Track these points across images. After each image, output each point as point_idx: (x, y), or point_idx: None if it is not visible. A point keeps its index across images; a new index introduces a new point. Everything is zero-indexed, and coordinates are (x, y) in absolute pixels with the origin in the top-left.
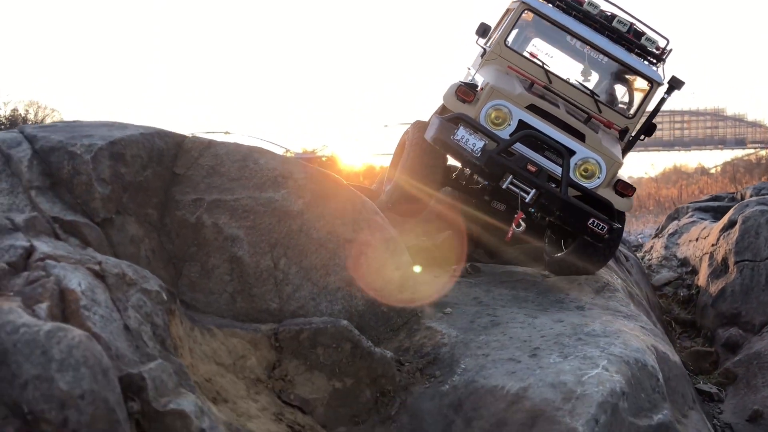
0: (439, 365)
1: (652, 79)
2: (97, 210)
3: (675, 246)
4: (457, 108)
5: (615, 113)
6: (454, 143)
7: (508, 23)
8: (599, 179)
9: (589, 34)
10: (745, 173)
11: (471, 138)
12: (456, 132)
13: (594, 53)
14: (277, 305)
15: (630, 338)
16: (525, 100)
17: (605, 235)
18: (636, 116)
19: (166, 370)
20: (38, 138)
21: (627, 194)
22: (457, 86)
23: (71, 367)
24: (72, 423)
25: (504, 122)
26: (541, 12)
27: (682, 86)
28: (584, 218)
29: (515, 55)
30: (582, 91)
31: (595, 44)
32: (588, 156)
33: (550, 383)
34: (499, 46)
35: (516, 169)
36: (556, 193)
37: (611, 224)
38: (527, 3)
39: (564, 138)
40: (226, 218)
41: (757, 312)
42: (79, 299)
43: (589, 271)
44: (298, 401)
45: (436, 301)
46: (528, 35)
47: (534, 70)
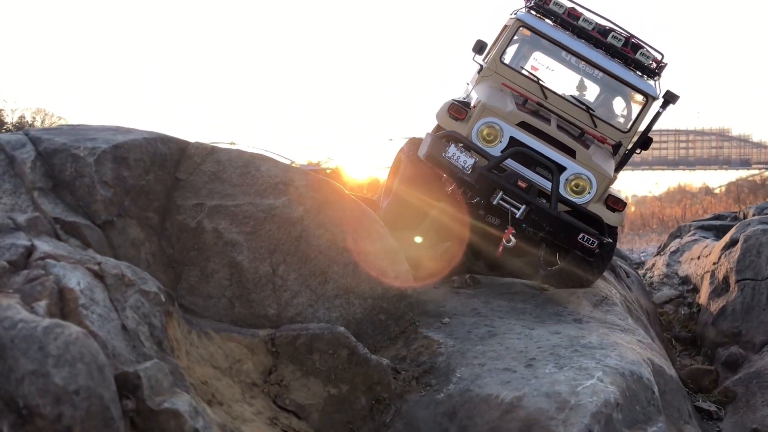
0: (435, 374)
1: (647, 93)
2: (98, 212)
3: (677, 264)
4: (449, 126)
5: (610, 128)
6: (445, 160)
7: (504, 40)
8: (590, 194)
9: (584, 49)
10: (750, 193)
11: (462, 155)
12: (447, 149)
13: (590, 68)
14: (275, 311)
15: (626, 351)
16: (516, 118)
17: (595, 249)
18: (631, 130)
19: (162, 369)
20: (42, 140)
21: (618, 209)
22: (449, 104)
23: (67, 363)
24: (66, 418)
25: (495, 139)
26: (536, 29)
27: (676, 100)
28: (574, 233)
29: (511, 72)
30: (578, 106)
31: (590, 60)
32: (578, 172)
33: (544, 393)
34: (495, 62)
35: (506, 185)
36: (545, 209)
37: (601, 239)
38: (522, 20)
39: (555, 154)
40: (227, 223)
41: (757, 331)
42: (78, 298)
43: (582, 283)
44: (293, 406)
45: (434, 311)
46: (528, 50)
47: (530, 86)
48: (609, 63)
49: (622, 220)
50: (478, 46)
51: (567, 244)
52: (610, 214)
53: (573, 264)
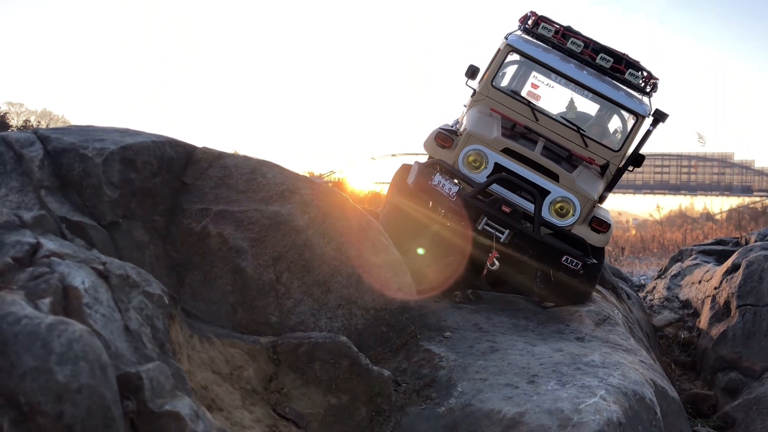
0: (436, 387)
1: (636, 112)
2: (104, 213)
3: (677, 288)
4: (436, 154)
5: (601, 147)
6: (431, 188)
7: (495, 64)
8: (574, 217)
9: (573, 71)
10: (751, 220)
11: (447, 183)
12: (433, 177)
13: (579, 90)
14: (277, 319)
15: (629, 371)
16: (500, 144)
17: (579, 270)
18: (622, 149)
19: (163, 372)
20: (51, 139)
21: (602, 230)
22: (436, 133)
23: (70, 361)
24: (67, 417)
25: (481, 165)
26: (526, 53)
27: (666, 119)
28: (557, 256)
29: (502, 95)
30: (568, 127)
31: (579, 81)
32: (562, 195)
33: (546, 409)
34: (487, 87)
35: (490, 210)
36: (528, 233)
37: (585, 260)
38: (512, 45)
39: (538, 178)
40: (232, 229)
41: (758, 357)
42: (82, 297)
43: (573, 301)
44: (293, 415)
45: (435, 325)
46: (526, 70)
47: (522, 109)
48: (598, 84)
49: (607, 241)
50: (470, 71)
51: (551, 266)
52: (595, 236)
53: (565, 279)
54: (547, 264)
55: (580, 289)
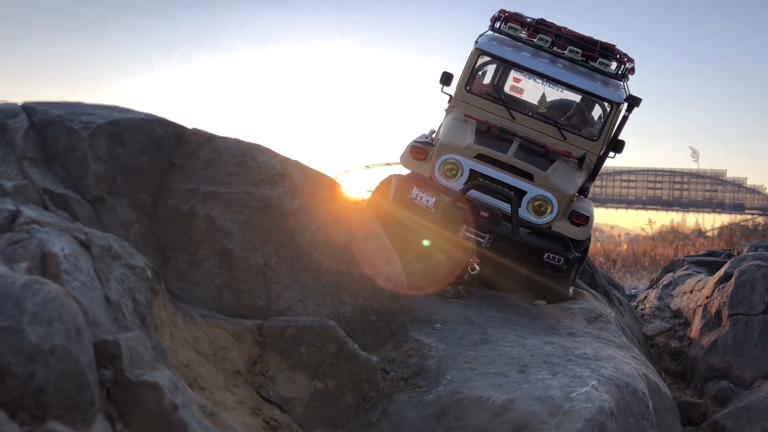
0: (424, 375)
1: (610, 100)
2: (89, 187)
3: (669, 297)
4: (412, 167)
5: (580, 138)
6: (409, 201)
7: (466, 68)
8: (552, 214)
9: (543, 67)
10: (742, 237)
11: (424, 195)
12: (411, 191)
13: (552, 85)
14: (264, 303)
15: (621, 364)
16: (473, 151)
17: (563, 266)
18: (600, 138)
19: (143, 342)
20: (37, 111)
21: (581, 223)
22: (411, 146)
23: (44, 321)
24: (38, 378)
25: (457, 174)
26: (495, 55)
27: (639, 102)
28: (539, 254)
29: (477, 99)
30: (545, 122)
31: (550, 77)
32: (538, 194)
33: (537, 397)
34: (461, 91)
35: (468, 218)
36: (508, 236)
37: (566, 255)
38: (481, 48)
39: (514, 180)
40: (220, 210)
41: (748, 366)
42: (61, 263)
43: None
44: (277, 398)
45: (425, 318)
46: (505, 69)
47: (497, 110)
48: (570, 76)
49: (587, 233)
50: (444, 78)
51: (534, 264)
52: (575, 229)
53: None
54: (530, 263)
55: (556, 290)
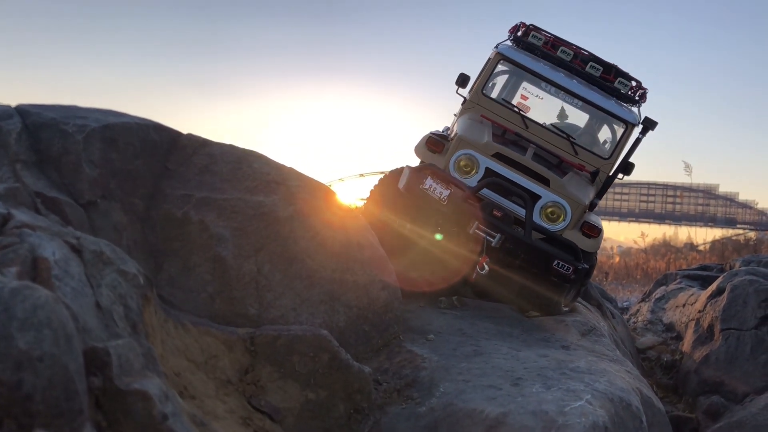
0: (417, 387)
1: (626, 120)
2: (82, 191)
3: (661, 311)
4: (427, 158)
5: (591, 155)
6: (422, 192)
7: (485, 73)
8: (565, 222)
9: (563, 80)
10: (734, 251)
11: (438, 187)
12: (425, 181)
13: (570, 98)
14: (257, 311)
15: (615, 378)
16: (491, 149)
17: (571, 275)
18: (612, 157)
19: (133, 349)
20: (31, 113)
21: (593, 235)
22: (427, 138)
23: (33, 327)
24: (27, 385)
25: (472, 170)
26: (516, 61)
27: (655, 126)
28: (549, 260)
29: (492, 103)
30: (558, 135)
31: (569, 89)
32: (553, 200)
33: (531, 411)
34: (477, 94)
35: (481, 215)
36: (520, 237)
37: (576, 265)
38: (502, 53)
39: (529, 183)
40: (214, 216)
41: (740, 381)
42: (51, 268)
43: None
44: (268, 408)
45: (419, 328)
46: (517, 80)
47: (512, 117)
48: (588, 92)
49: (598, 246)
50: (460, 80)
51: (542, 270)
52: (586, 240)
53: (544, 286)
54: (537, 269)
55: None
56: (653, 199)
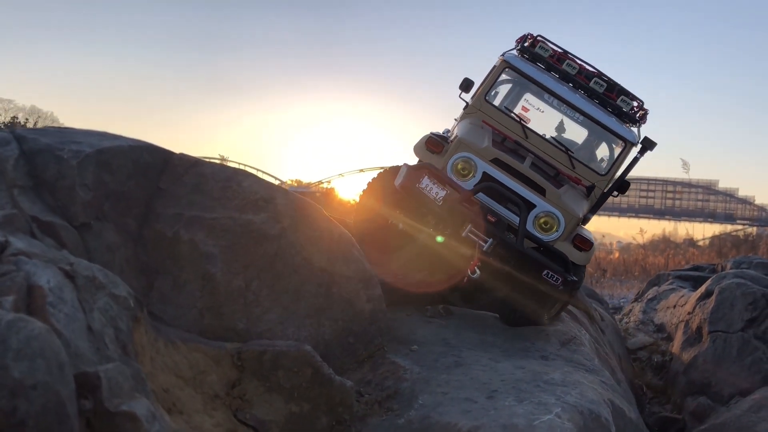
0: (398, 399)
1: (625, 139)
2: (77, 214)
3: (653, 311)
4: (426, 158)
5: (588, 170)
6: (418, 191)
7: (489, 79)
8: (557, 233)
9: (566, 93)
10: (732, 248)
11: (434, 187)
12: (421, 180)
13: (571, 111)
14: (245, 326)
15: (587, 390)
16: (490, 154)
17: (560, 286)
18: (608, 174)
19: (123, 372)
20: (27, 139)
21: (584, 248)
22: (427, 138)
23: (27, 357)
24: (21, 412)
25: (469, 173)
26: (521, 70)
27: (654, 147)
28: (539, 269)
29: (494, 110)
30: (557, 147)
31: (571, 103)
32: (547, 210)
33: (501, 424)
34: (480, 100)
35: (475, 218)
36: (512, 243)
37: (565, 276)
38: (508, 61)
39: (525, 191)
40: (203, 235)
41: (726, 383)
42: (46, 296)
43: (538, 315)
44: (253, 421)
45: (404, 338)
46: (519, 91)
47: (512, 126)
48: (590, 107)
49: (588, 259)
50: (464, 84)
51: (532, 279)
52: (577, 253)
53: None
54: (527, 276)
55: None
56: (653, 195)
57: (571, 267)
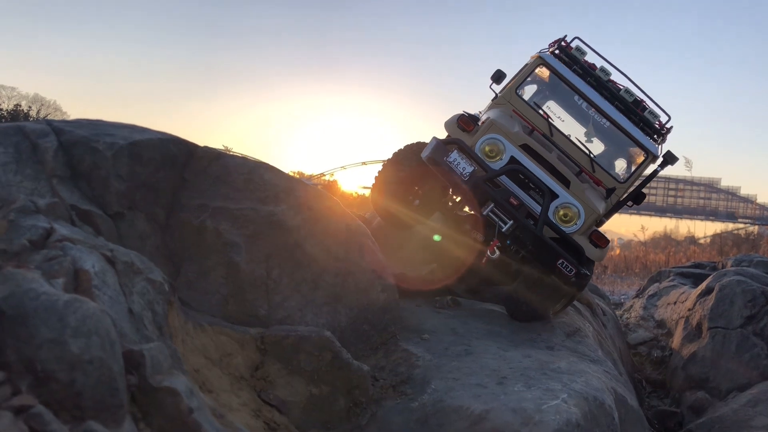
0: (411, 384)
1: (649, 150)
2: (111, 203)
3: (653, 307)
4: (456, 135)
5: (608, 175)
6: (445, 164)
7: (522, 74)
8: (576, 225)
9: (596, 97)
10: (733, 246)
11: (462, 162)
12: (450, 154)
13: (598, 116)
14: (266, 312)
15: (592, 378)
16: (520, 139)
17: (572, 278)
18: (627, 182)
19: (163, 351)
20: (64, 131)
21: (601, 245)
22: (459, 116)
23: (84, 335)
24: (78, 384)
25: (497, 156)
26: (554, 69)
27: (675, 162)
28: (554, 257)
29: (523, 104)
30: (580, 149)
31: (601, 108)
32: (569, 202)
33: (511, 408)
34: (510, 92)
35: (498, 198)
36: (531, 228)
37: (579, 268)
38: (543, 58)
39: (549, 180)
40: (228, 225)
41: (724, 378)
42: (92, 279)
43: (544, 309)
44: (276, 401)
45: (414, 327)
46: (544, 97)
47: (539, 122)
48: (617, 114)
49: (603, 257)
50: (496, 75)
51: (546, 266)
52: (593, 249)
53: (534, 292)
54: (541, 263)
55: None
56: (655, 192)
57: (585, 261)
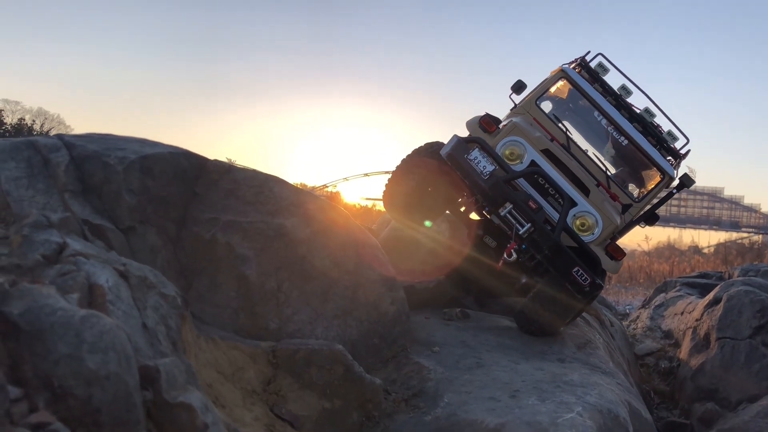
0: (423, 397)
1: (665, 171)
2: (122, 218)
3: (660, 318)
4: (477, 135)
5: (623, 193)
6: (465, 162)
7: (543, 86)
8: (594, 235)
9: (615, 114)
10: (737, 255)
11: (483, 161)
12: (471, 152)
13: (617, 134)
14: (277, 325)
15: (605, 391)
16: (541, 144)
17: (587, 287)
18: (642, 201)
19: (178, 366)
20: (76, 146)
21: (616, 257)
22: (482, 116)
23: (100, 350)
24: (96, 400)
25: (517, 158)
26: (576, 83)
27: (691, 185)
28: (570, 265)
29: (542, 115)
30: (597, 165)
31: (621, 126)
32: (588, 210)
33: (526, 422)
34: (530, 103)
35: (517, 200)
36: (549, 233)
37: (594, 279)
38: (566, 72)
39: (569, 188)
40: (239, 239)
41: (734, 389)
42: (106, 294)
43: (554, 326)
44: (288, 416)
45: (424, 340)
46: (559, 115)
47: (557, 134)
48: (636, 133)
49: (617, 270)
50: (517, 86)
51: (561, 274)
52: (609, 261)
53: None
54: (557, 270)
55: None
56: None
57: (600, 272)
